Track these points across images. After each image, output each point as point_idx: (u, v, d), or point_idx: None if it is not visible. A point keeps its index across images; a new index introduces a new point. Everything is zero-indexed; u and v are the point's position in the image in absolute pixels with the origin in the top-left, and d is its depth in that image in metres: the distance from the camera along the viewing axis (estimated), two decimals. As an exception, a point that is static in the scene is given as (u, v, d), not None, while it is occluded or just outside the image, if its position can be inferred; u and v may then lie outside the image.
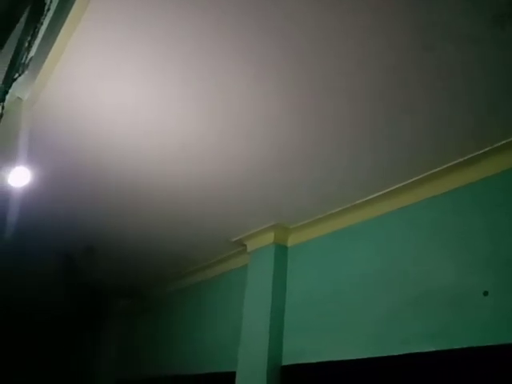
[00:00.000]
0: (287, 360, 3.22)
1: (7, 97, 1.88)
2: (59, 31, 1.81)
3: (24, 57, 1.74)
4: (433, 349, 2.38)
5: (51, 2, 1.62)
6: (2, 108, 1.92)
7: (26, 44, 1.68)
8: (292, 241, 3.71)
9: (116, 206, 3.69)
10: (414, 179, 2.83)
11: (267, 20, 1.86)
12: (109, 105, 2.48)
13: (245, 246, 3.97)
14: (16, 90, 2.11)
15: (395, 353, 2.55)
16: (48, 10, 1.62)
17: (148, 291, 5.80)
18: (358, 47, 1.94)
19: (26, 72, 1.89)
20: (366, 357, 2.71)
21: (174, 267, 4.95)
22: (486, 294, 2.29)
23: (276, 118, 2.46)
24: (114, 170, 3.15)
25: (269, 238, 3.69)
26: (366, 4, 1.73)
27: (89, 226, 4.09)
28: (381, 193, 3.02)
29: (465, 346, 2.25)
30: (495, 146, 2.43)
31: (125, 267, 5.10)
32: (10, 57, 1.77)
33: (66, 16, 1.77)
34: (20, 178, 2.78)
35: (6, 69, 1.83)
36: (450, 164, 2.64)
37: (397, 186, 2.93)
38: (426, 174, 2.77)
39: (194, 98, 2.37)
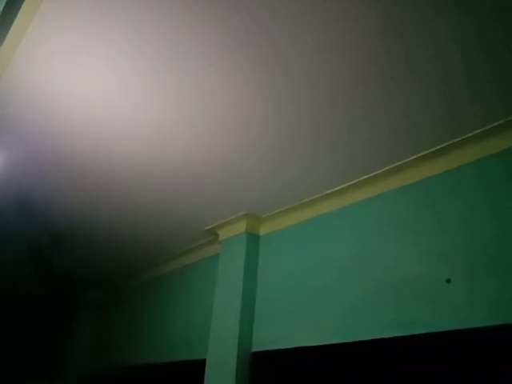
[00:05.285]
0: (257, 347, 3.25)
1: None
2: (18, 10, 1.75)
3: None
4: (404, 334, 2.42)
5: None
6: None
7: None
8: (264, 230, 3.73)
9: (87, 193, 3.61)
10: (387, 168, 2.85)
11: (237, 11, 1.84)
12: (77, 89, 2.41)
13: (217, 234, 3.97)
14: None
15: (367, 338, 2.59)
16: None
17: (120, 281, 5.74)
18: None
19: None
20: (337, 342, 2.74)
21: (147, 256, 4.91)
22: (448, 281, 2.36)
23: (249, 107, 2.45)
24: (85, 157, 3.07)
25: (241, 227, 3.70)
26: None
27: (58, 212, 4.00)
28: (354, 181, 3.05)
29: (435, 331, 2.30)
30: (469, 135, 2.47)
31: (96, 257, 5.02)
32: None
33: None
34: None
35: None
36: (425, 152, 2.66)
37: (370, 174, 2.95)
38: (400, 163, 2.79)
39: (163, 85, 2.33)
